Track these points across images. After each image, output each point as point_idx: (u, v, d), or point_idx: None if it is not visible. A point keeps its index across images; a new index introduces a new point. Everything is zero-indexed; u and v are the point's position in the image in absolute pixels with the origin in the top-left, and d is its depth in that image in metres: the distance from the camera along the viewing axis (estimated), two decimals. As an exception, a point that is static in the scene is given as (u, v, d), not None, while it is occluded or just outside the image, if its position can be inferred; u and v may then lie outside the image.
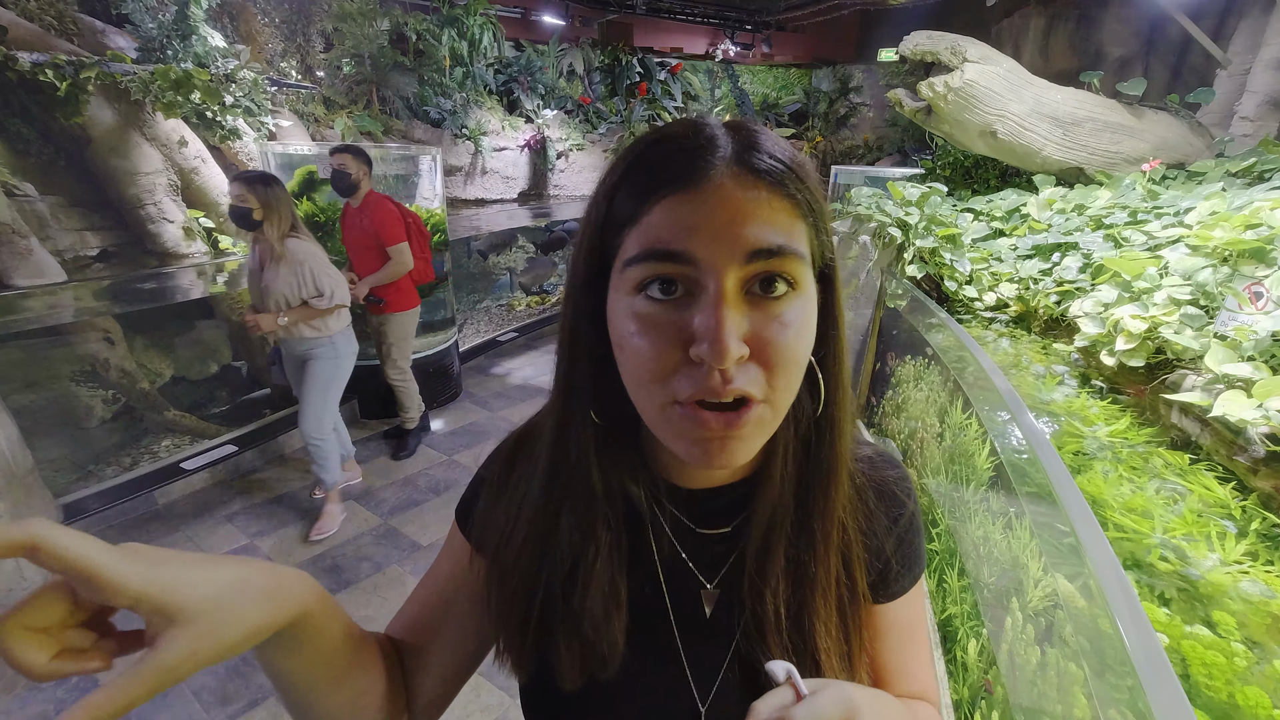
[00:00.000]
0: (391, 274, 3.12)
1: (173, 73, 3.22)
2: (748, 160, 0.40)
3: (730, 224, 0.38)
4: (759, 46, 7.74)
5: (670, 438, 0.43)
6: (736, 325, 0.38)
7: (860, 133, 8.02)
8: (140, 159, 3.32)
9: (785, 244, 0.39)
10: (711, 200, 0.38)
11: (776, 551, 0.49)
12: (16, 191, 2.99)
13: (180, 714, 1.87)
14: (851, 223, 3.15)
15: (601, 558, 0.49)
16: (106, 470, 3.08)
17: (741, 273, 0.39)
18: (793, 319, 0.40)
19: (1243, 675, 0.92)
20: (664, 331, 0.40)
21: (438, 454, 3.50)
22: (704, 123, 0.42)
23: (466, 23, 5.12)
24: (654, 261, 0.39)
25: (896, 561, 0.55)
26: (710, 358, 0.37)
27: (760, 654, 0.49)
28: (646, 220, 0.40)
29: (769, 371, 0.40)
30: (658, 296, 0.40)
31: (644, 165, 0.41)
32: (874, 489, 0.55)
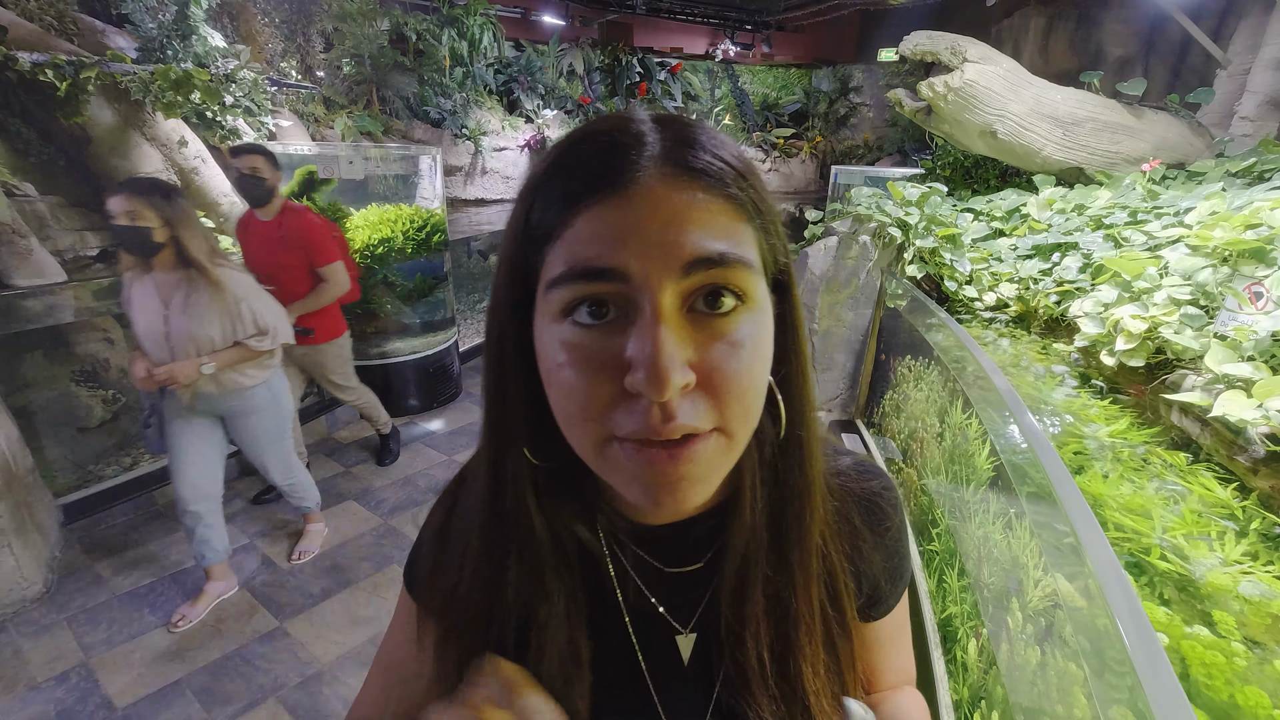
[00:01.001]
0: (325, 298, 2.68)
1: (173, 73, 3.22)
2: (680, 157, 0.34)
3: (663, 231, 0.33)
4: (759, 46, 7.74)
5: (614, 480, 0.37)
6: (678, 350, 0.33)
7: (860, 133, 8.02)
8: (140, 159, 3.32)
9: (729, 251, 0.34)
10: (641, 206, 0.33)
11: (753, 591, 0.45)
12: (16, 191, 2.99)
13: (180, 714, 1.87)
14: (851, 223, 3.15)
15: (555, 614, 0.44)
16: (106, 470, 3.08)
17: (681, 287, 0.33)
18: (744, 337, 0.35)
19: (1243, 675, 0.92)
20: (596, 361, 0.34)
21: (438, 454, 3.51)
22: (630, 117, 0.37)
23: (466, 23, 5.12)
24: (580, 281, 0.34)
25: (885, 579, 0.52)
26: (648, 390, 0.32)
27: (745, 704, 0.45)
28: (569, 234, 0.34)
29: (719, 400, 0.35)
30: (587, 321, 0.34)
31: (563, 170, 0.36)
32: (857, 504, 0.51)
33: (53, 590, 2.34)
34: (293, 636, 2.17)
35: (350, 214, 3.50)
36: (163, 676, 1.99)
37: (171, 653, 2.08)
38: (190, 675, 2.00)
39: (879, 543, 0.51)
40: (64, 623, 2.20)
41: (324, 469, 3.28)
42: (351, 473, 3.26)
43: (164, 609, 2.27)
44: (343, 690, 1.96)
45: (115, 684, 1.96)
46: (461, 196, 5.42)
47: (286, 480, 2.44)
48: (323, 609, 2.30)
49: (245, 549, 2.62)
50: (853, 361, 3.23)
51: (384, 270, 3.62)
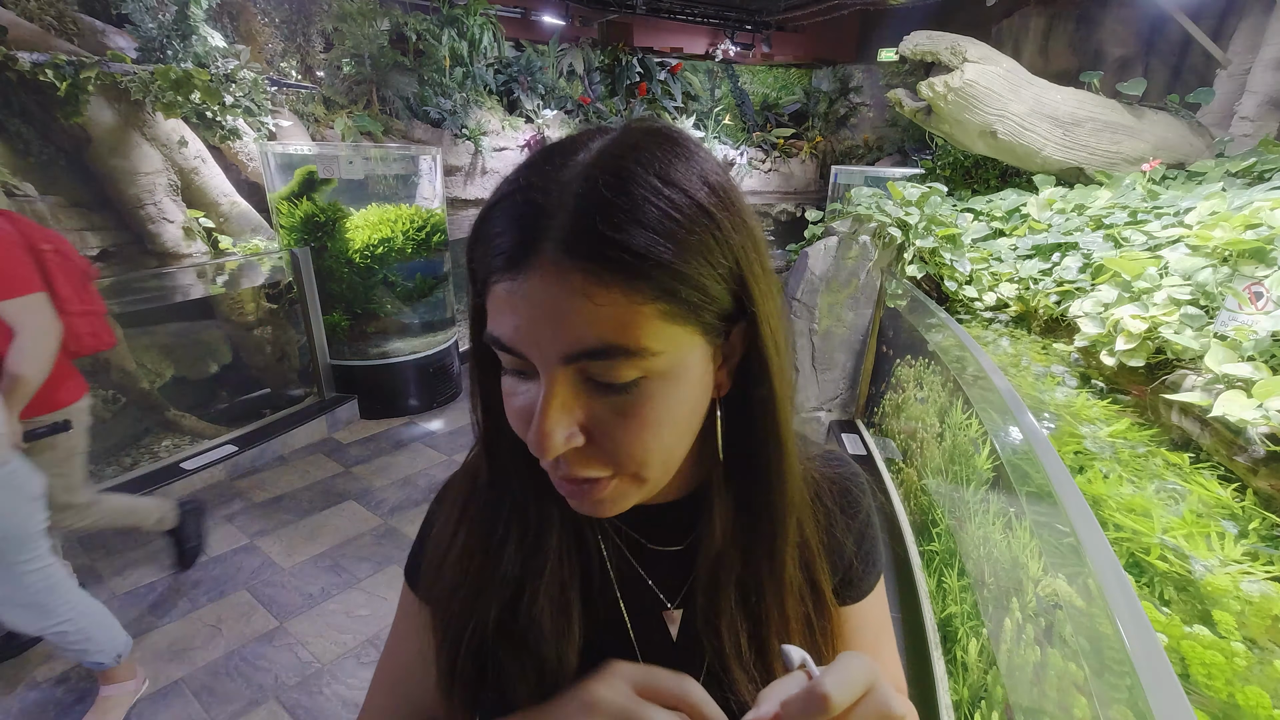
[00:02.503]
0: (19, 360, 1.54)
1: (173, 73, 3.22)
2: (575, 241, 0.33)
3: (548, 321, 0.34)
4: (759, 46, 7.74)
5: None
6: (560, 419, 0.36)
7: (860, 133, 8.02)
8: (140, 159, 3.33)
9: (614, 342, 0.34)
10: (534, 291, 0.34)
11: (728, 578, 0.47)
12: (16, 191, 2.99)
13: (180, 714, 1.87)
14: (851, 223, 3.15)
15: (550, 564, 0.47)
16: (106, 470, 3.08)
17: (568, 370, 0.36)
18: (640, 409, 0.36)
19: (1243, 675, 0.92)
20: (519, 409, 0.39)
21: (438, 454, 3.51)
22: (554, 178, 0.35)
23: (466, 23, 5.12)
24: (498, 349, 0.38)
25: (859, 561, 0.55)
26: (534, 451, 0.36)
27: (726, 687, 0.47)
28: (491, 297, 0.37)
29: (613, 458, 0.38)
30: (513, 373, 0.39)
31: (487, 231, 0.37)
32: (829, 488, 0.54)
33: (53, 590, 2.34)
34: (293, 636, 2.17)
35: (350, 214, 3.50)
36: (163, 676, 1.99)
37: (171, 653, 2.08)
38: (190, 675, 2.00)
39: (850, 525, 0.54)
40: (64, 623, 2.20)
41: (324, 469, 3.28)
42: (351, 473, 3.26)
43: (164, 609, 2.27)
44: (343, 690, 1.96)
45: (115, 684, 1.96)
46: (461, 196, 5.43)
47: (40, 628, 1.60)
48: (323, 609, 2.30)
49: (245, 549, 2.62)
50: (853, 361, 3.23)
51: (384, 270, 3.62)
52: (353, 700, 1.92)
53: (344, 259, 3.53)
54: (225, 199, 3.77)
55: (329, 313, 3.65)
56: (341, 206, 3.48)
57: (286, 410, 3.62)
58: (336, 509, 2.93)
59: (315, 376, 3.76)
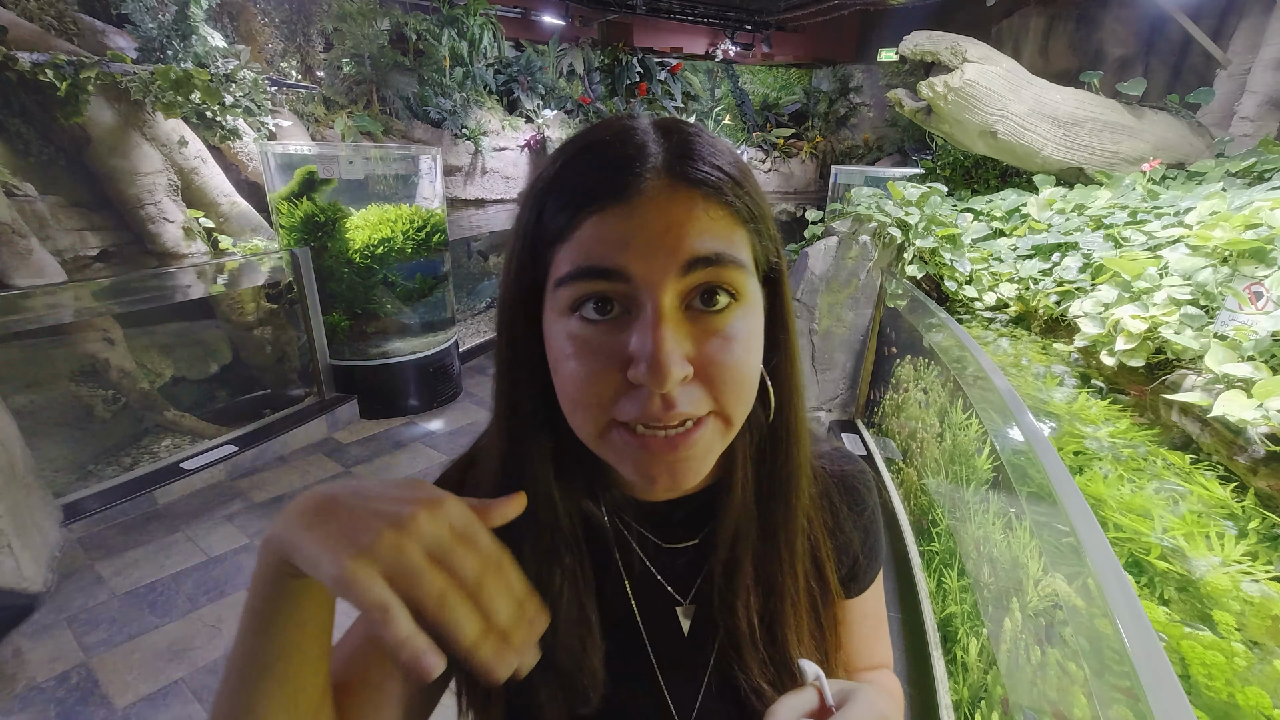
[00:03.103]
0: None
1: (173, 73, 3.22)
2: (680, 168, 0.38)
3: (664, 235, 0.36)
4: (759, 46, 7.74)
5: (614, 461, 0.41)
6: (677, 344, 0.36)
7: (860, 133, 8.01)
8: (140, 159, 3.33)
9: (724, 251, 0.37)
10: (644, 212, 0.36)
11: (744, 564, 0.48)
12: (16, 191, 2.99)
13: (180, 714, 1.87)
14: (851, 223, 3.15)
15: (567, 584, 0.46)
16: (106, 470, 3.08)
17: (680, 286, 0.37)
18: (737, 332, 0.38)
19: (1243, 675, 0.92)
20: (601, 353, 0.37)
21: (438, 454, 3.51)
22: (633, 127, 0.40)
23: (466, 23, 5.12)
24: (587, 280, 0.37)
25: (863, 556, 0.56)
26: (650, 381, 0.35)
27: (737, 669, 0.48)
28: (576, 236, 0.37)
29: (715, 389, 0.38)
30: (593, 317, 0.38)
31: (572, 177, 0.39)
32: (837, 485, 0.55)
33: (53, 590, 2.34)
34: (293, 636, 2.17)
35: (350, 214, 3.50)
36: (163, 676, 1.99)
37: (171, 653, 2.08)
38: (190, 675, 2.00)
39: (857, 521, 0.56)
40: (64, 623, 2.20)
41: (324, 469, 3.28)
42: (351, 473, 3.26)
43: (164, 609, 2.27)
44: (343, 690, 1.96)
45: (115, 684, 1.96)
46: (461, 196, 5.42)
47: None
48: (323, 609, 2.30)
49: (246, 549, 2.62)
50: (853, 361, 3.23)
51: (384, 270, 3.62)
52: (353, 700, 1.92)
53: (344, 259, 3.53)
54: (225, 199, 3.77)
55: (329, 313, 3.65)
56: (341, 206, 3.48)
57: (286, 410, 3.62)
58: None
59: (315, 376, 3.76)
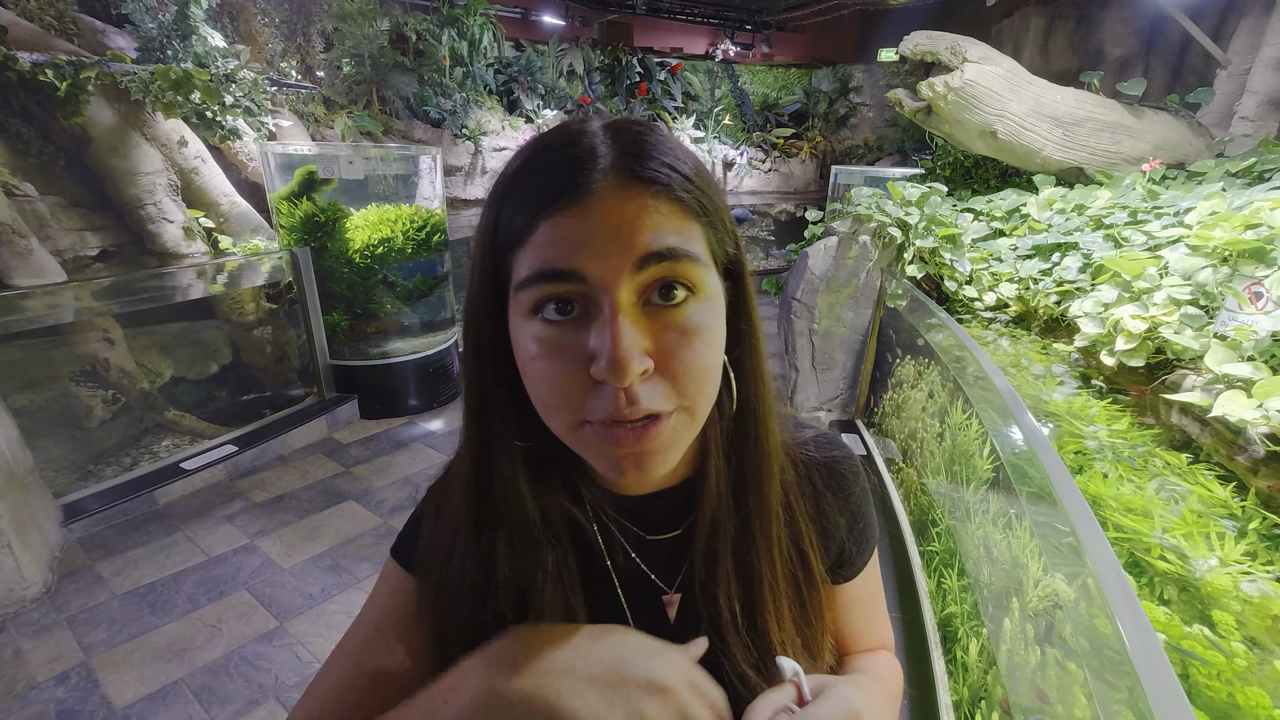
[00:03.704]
0: None
1: (173, 73, 3.22)
2: (630, 167, 0.38)
3: (617, 234, 0.37)
4: (759, 46, 7.73)
5: (586, 456, 0.42)
6: (635, 340, 0.37)
7: (860, 133, 8.01)
8: (140, 159, 3.33)
9: (677, 246, 0.38)
10: (596, 213, 0.37)
11: (722, 553, 0.49)
12: (16, 191, 2.99)
13: (180, 714, 1.87)
14: (851, 223, 3.15)
15: (550, 580, 0.47)
16: (106, 470, 3.08)
17: (635, 283, 0.38)
18: (696, 325, 0.39)
19: (1243, 675, 0.92)
20: (564, 353, 0.38)
21: (438, 454, 3.51)
22: (584, 129, 0.41)
23: (466, 23, 5.12)
24: (545, 283, 0.38)
25: (851, 541, 0.56)
26: (610, 377, 0.36)
27: (721, 655, 0.49)
28: (533, 240, 0.38)
29: (677, 382, 0.39)
30: (554, 318, 0.39)
31: (525, 182, 0.40)
32: (820, 470, 0.55)
33: (53, 590, 2.34)
34: (293, 636, 2.17)
35: (350, 214, 3.50)
36: (163, 676, 1.99)
37: (171, 653, 2.08)
38: (190, 675, 2.00)
39: (843, 507, 0.56)
40: (64, 623, 2.20)
41: (324, 469, 3.28)
42: (351, 473, 3.26)
43: (164, 609, 2.27)
44: (343, 690, 1.96)
45: (115, 684, 1.96)
46: (461, 196, 5.42)
47: None
48: (323, 609, 2.30)
49: (246, 549, 2.62)
50: (853, 361, 3.23)
51: (384, 270, 3.62)
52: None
53: (344, 259, 3.53)
54: (225, 199, 3.77)
55: (329, 313, 3.65)
56: (341, 206, 3.48)
57: (286, 410, 3.62)
58: (336, 509, 2.93)
59: (315, 376, 3.76)
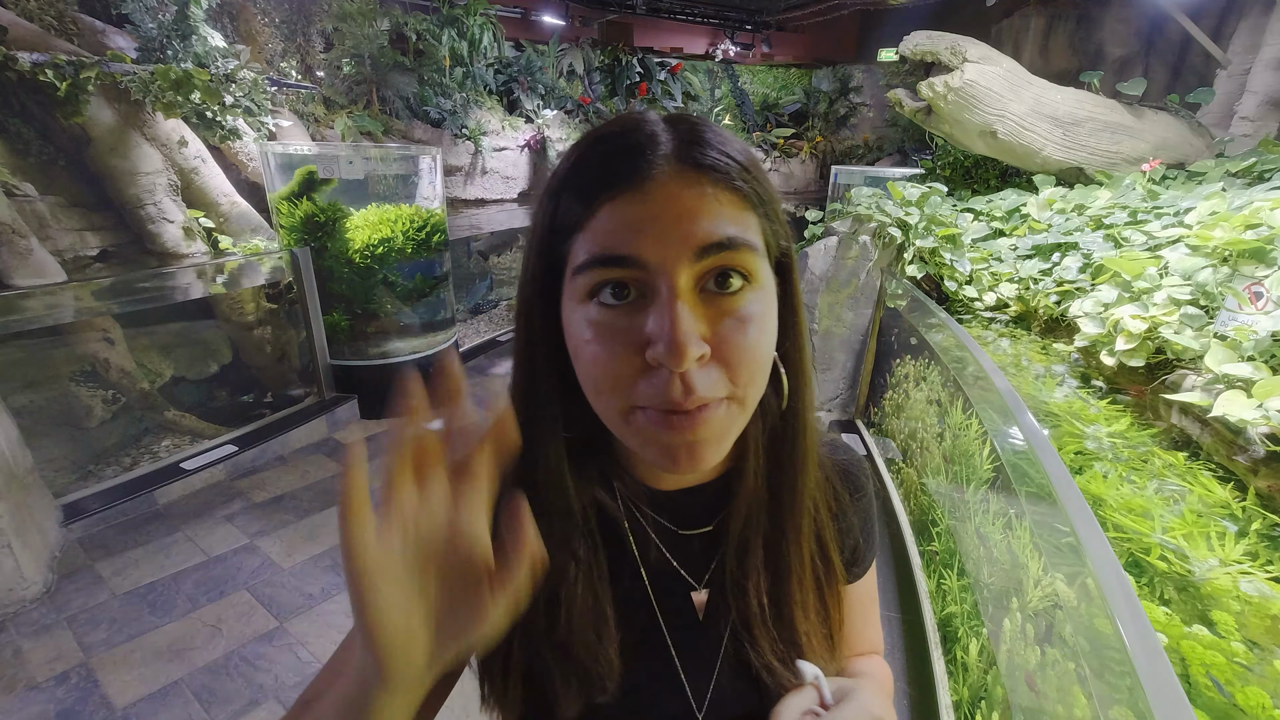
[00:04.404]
0: None
1: (173, 73, 3.22)
2: (690, 155, 0.39)
3: (677, 221, 0.37)
4: (759, 46, 7.73)
5: (637, 444, 0.41)
6: (693, 325, 0.37)
7: (860, 133, 8.01)
8: (140, 159, 3.32)
9: (736, 235, 0.38)
10: (656, 199, 0.37)
11: (755, 546, 0.50)
12: (16, 191, 2.99)
13: (180, 714, 1.87)
14: (851, 223, 3.15)
15: (581, 574, 0.47)
16: (106, 470, 3.08)
17: (694, 270, 0.38)
18: (751, 313, 0.39)
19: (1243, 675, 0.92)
20: (619, 337, 0.38)
21: (438, 454, 3.51)
22: (643, 119, 0.41)
23: (466, 23, 5.12)
24: (603, 267, 0.38)
25: (863, 541, 0.58)
26: (667, 360, 0.36)
27: (749, 648, 0.49)
28: (592, 225, 0.38)
29: (731, 370, 0.39)
30: (610, 302, 0.39)
31: (585, 168, 0.40)
32: (838, 472, 0.57)
33: (53, 590, 2.34)
34: (293, 636, 2.17)
35: (350, 214, 3.50)
36: (163, 676, 1.99)
37: (171, 653, 2.08)
38: (190, 675, 2.00)
39: (857, 507, 0.58)
40: (64, 623, 2.20)
41: (324, 469, 3.28)
42: (351, 473, 3.26)
43: (164, 609, 2.28)
44: (343, 690, 1.96)
45: (115, 684, 1.96)
46: (461, 196, 5.42)
47: None
48: (323, 609, 2.30)
49: (246, 549, 2.62)
50: (853, 361, 3.23)
51: (384, 270, 3.62)
52: (353, 700, 1.92)
53: (344, 259, 3.53)
54: (225, 199, 3.77)
55: (329, 313, 3.65)
56: (341, 206, 3.48)
57: (286, 410, 3.62)
58: (337, 509, 2.93)
59: (315, 376, 3.76)
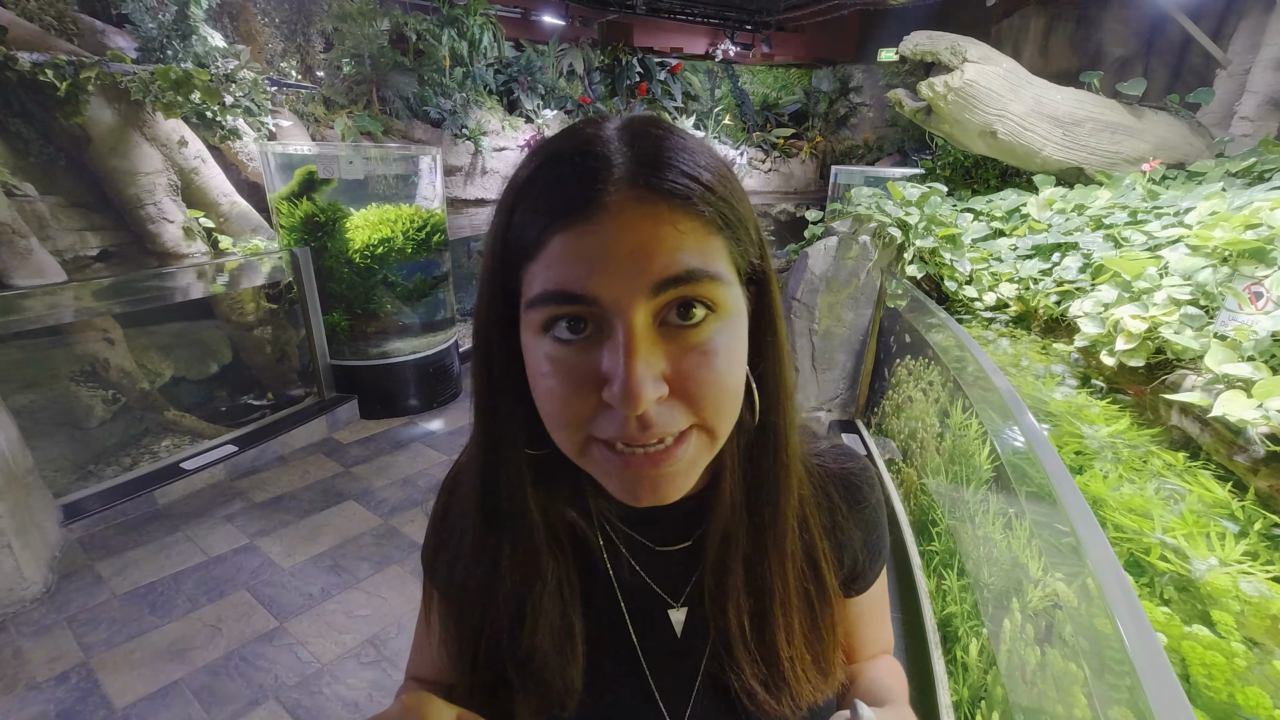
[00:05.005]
0: None
1: (173, 73, 3.22)
2: (645, 178, 0.35)
3: (632, 255, 0.34)
4: (759, 46, 7.74)
5: (598, 475, 0.40)
6: (650, 365, 0.35)
7: (860, 133, 8.01)
8: (140, 159, 3.33)
9: (697, 267, 0.35)
10: (609, 231, 0.34)
11: (733, 566, 0.47)
12: (16, 191, 2.99)
13: (180, 714, 1.87)
14: (851, 223, 3.15)
15: (549, 592, 0.46)
16: (106, 470, 3.08)
17: (650, 305, 0.35)
18: (716, 345, 0.37)
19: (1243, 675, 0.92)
20: (575, 373, 0.36)
21: (438, 454, 3.51)
22: (598, 135, 0.37)
23: (466, 23, 5.12)
24: (554, 304, 0.36)
25: (864, 554, 0.55)
26: (621, 405, 0.34)
27: (729, 670, 0.48)
28: (543, 256, 0.36)
29: (694, 404, 0.37)
30: (566, 336, 0.36)
31: (535, 191, 0.37)
32: (836, 482, 0.54)
33: (53, 590, 2.34)
34: (293, 636, 2.17)
35: (350, 214, 3.50)
36: (163, 676, 1.99)
37: (171, 653, 2.08)
38: (190, 675, 2.00)
39: (858, 519, 0.54)
40: (64, 623, 2.20)
41: (324, 469, 3.28)
42: (351, 473, 3.26)
43: (164, 609, 2.28)
44: (343, 690, 1.96)
45: (115, 684, 1.96)
46: (461, 196, 5.42)
47: None
48: (323, 609, 2.30)
49: (245, 549, 2.62)
50: (853, 361, 3.23)
51: (384, 270, 3.62)
52: (353, 700, 1.92)
53: (344, 259, 3.53)
54: (225, 199, 3.77)
55: (329, 313, 3.65)
56: (341, 206, 3.48)
57: (286, 410, 3.62)
58: (336, 509, 2.93)
59: (315, 376, 3.76)
